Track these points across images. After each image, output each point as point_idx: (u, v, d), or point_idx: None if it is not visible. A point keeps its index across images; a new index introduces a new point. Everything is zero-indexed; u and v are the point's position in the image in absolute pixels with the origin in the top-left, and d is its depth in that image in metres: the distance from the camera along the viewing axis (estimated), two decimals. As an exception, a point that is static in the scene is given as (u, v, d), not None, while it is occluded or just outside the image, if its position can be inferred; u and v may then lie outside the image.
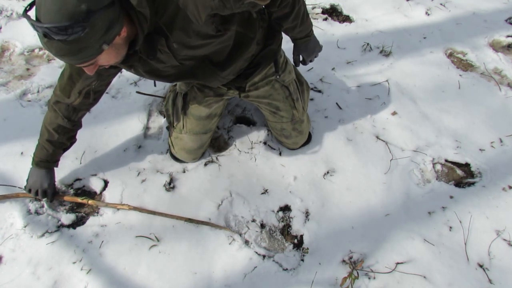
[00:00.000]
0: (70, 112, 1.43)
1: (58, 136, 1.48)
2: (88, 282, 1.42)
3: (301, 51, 1.61)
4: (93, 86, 1.35)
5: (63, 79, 1.34)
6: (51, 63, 2.21)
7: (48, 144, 1.50)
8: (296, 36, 1.53)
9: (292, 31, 1.48)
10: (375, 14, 2.77)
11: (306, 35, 1.53)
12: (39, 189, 1.56)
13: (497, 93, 2.27)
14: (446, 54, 2.52)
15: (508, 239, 1.63)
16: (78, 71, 1.27)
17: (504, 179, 1.83)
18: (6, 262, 1.46)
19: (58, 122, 1.44)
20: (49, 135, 1.48)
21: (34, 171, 1.57)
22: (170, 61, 1.22)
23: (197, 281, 1.46)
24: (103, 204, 1.62)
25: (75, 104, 1.40)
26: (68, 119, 1.44)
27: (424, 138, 1.98)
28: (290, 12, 1.34)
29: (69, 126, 1.47)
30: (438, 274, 1.51)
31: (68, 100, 1.37)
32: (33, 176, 1.56)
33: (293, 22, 1.40)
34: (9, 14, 2.47)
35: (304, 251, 1.57)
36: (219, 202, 1.68)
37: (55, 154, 1.55)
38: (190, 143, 1.70)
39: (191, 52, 1.19)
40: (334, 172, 1.81)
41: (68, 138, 1.53)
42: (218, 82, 1.44)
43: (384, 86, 2.24)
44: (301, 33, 1.50)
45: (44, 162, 1.54)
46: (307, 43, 1.57)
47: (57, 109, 1.41)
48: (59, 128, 1.46)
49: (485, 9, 2.88)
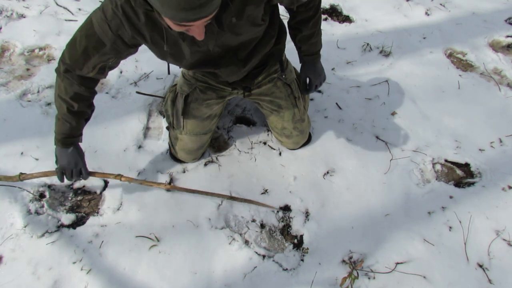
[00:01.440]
0: (84, 80, 1.31)
1: (77, 105, 1.34)
2: (88, 282, 1.42)
3: (309, 72, 1.58)
4: (109, 63, 1.26)
5: (76, 51, 1.22)
6: (51, 63, 2.21)
7: (69, 115, 1.36)
8: (307, 50, 1.52)
9: (306, 42, 1.48)
10: (375, 14, 2.77)
11: (317, 51, 1.54)
12: (73, 169, 1.44)
13: (497, 93, 2.27)
14: (446, 54, 2.52)
15: (508, 239, 1.63)
16: (95, 45, 1.17)
17: (504, 179, 1.83)
18: (6, 262, 1.46)
19: (74, 90, 1.31)
20: (68, 105, 1.33)
21: (61, 151, 1.43)
22: (206, 44, 1.18)
23: (197, 281, 1.46)
24: (138, 181, 1.57)
25: (88, 76, 1.30)
26: (84, 86, 1.32)
27: (424, 138, 1.98)
28: (313, 16, 1.38)
29: (86, 93, 1.34)
30: (438, 274, 1.51)
31: (80, 72, 1.27)
32: (63, 157, 1.43)
33: (312, 29, 1.42)
34: (9, 14, 2.47)
35: (304, 251, 1.57)
36: (219, 202, 1.68)
37: (78, 126, 1.41)
38: (190, 143, 1.70)
39: (230, 38, 1.20)
40: (334, 172, 1.81)
41: (88, 105, 1.40)
42: (236, 77, 1.43)
43: (384, 86, 2.25)
44: (313, 46, 1.51)
45: (69, 137, 1.41)
46: (316, 62, 1.56)
47: (69, 77, 1.29)
48: (76, 96, 1.32)
49: (485, 9, 2.89)
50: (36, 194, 1.65)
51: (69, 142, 1.42)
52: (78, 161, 1.45)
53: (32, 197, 1.63)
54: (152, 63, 2.21)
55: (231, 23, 1.12)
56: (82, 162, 1.47)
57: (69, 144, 1.42)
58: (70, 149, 1.43)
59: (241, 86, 1.54)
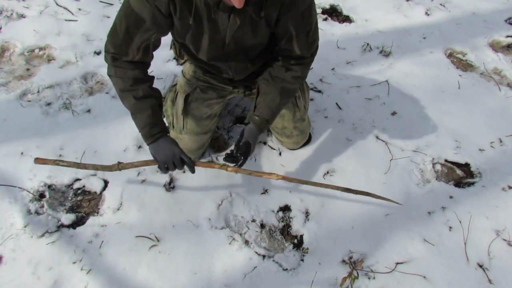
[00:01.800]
0: (134, 64, 1.28)
1: (140, 89, 1.29)
2: (88, 282, 1.42)
3: (252, 137, 1.42)
4: (152, 40, 1.24)
5: (117, 36, 1.20)
6: (51, 63, 2.21)
7: (139, 103, 1.30)
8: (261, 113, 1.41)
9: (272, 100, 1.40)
10: (375, 14, 2.77)
11: (267, 121, 1.42)
12: (174, 160, 1.34)
13: (497, 93, 2.27)
14: (446, 54, 2.52)
15: (508, 239, 1.63)
16: (134, 23, 1.16)
17: (504, 179, 1.83)
18: (6, 262, 1.46)
19: (129, 76, 1.27)
20: (133, 93, 1.29)
21: (154, 148, 1.35)
22: (225, 33, 1.22)
23: (197, 281, 1.46)
24: (246, 171, 1.44)
25: (135, 60, 1.27)
26: (138, 70, 1.29)
27: (424, 138, 1.98)
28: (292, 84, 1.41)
29: (142, 75, 1.30)
30: (438, 274, 1.51)
31: (126, 57, 1.25)
32: (159, 153, 1.34)
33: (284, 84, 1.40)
34: (9, 14, 2.47)
35: (304, 251, 1.57)
36: (219, 202, 1.68)
37: (154, 112, 1.32)
38: (190, 143, 1.70)
39: (247, 36, 1.25)
40: (334, 172, 1.81)
41: (150, 88, 1.34)
42: (242, 75, 1.46)
43: (384, 86, 2.25)
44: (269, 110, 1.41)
45: (152, 127, 1.32)
46: (260, 132, 1.43)
47: (119, 65, 1.26)
48: (135, 81, 1.29)
49: (485, 9, 2.89)
50: (36, 194, 1.64)
51: (155, 132, 1.33)
52: (175, 150, 1.35)
53: (32, 197, 1.63)
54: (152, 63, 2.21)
55: (259, 15, 1.16)
56: (178, 150, 1.36)
57: (156, 135, 1.34)
58: (160, 141, 1.34)
59: (243, 85, 1.55)
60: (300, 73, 1.40)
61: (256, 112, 1.42)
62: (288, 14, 1.21)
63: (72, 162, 1.48)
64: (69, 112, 1.95)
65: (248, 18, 1.19)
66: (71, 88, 2.08)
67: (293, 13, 1.21)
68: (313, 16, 1.27)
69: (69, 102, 2.00)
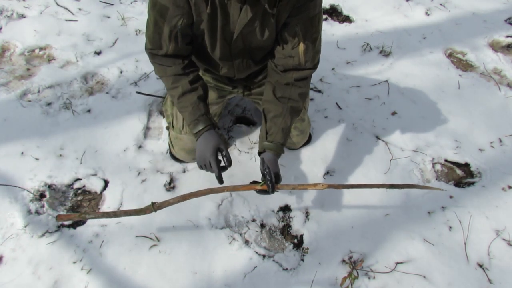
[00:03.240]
0: (171, 59, 1.30)
1: (180, 86, 1.31)
2: (88, 282, 1.42)
3: (274, 167, 1.36)
4: (179, 26, 1.22)
5: (149, 30, 1.26)
6: (51, 63, 2.21)
7: (181, 101, 1.32)
8: (275, 137, 1.37)
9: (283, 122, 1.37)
10: (375, 14, 2.77)
11: (282, 144, 1.38)
12: (205, 164, 1.33)
13: (497, 93, 2.27)
14: (445, 54, 2.52)
15: (507, 239, 1.63)
16: (160, 12, 1.20)
17: (504, 179, 1.83)
18: (6, 262, 1.46)
19: (168, 73, 1.31)
20: (175, 91, 1.32)
21: (197, 145, 1.36)
22: (234, 27, 1.22)
23: (197, 281, 1.46)
24: (290, 187, 1.36)
25: (170, 53, 1.28)
26: (175, 65, 1.31)
27: (424, 138, 1.98)
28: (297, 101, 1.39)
29: (179, 71, 1.31)
30: (438, 274, 1.51)
31: (161, 51, 1.28)
32: (198, 151, 1.35)
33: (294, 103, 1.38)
34: (10, 14, 2.47)
35: (304, 251, 1.57)
36: (219, 202, 1.68)
37: (195, 107, 1.32)
38: (190, 143, 1.70)
39: (254, 37, 1.26)
40: (334, 172, 1.81)
41: (191, 82, 1.33)
42: (244, 74, 1.46)
43: (384, 86, 2.25)
44: (282, 133, 1.38)
45: (197, 124, 1.33)
46: (276, 160, 1.39)
47: (158, 62, 1.31)
48: (175, 78, 1.31)
49: (484, 9, 2.89)
50: (36, 194, 1.65)
51: (196, 130, 1.34)
52: (206, 154, 1.32)
53: (33, 197, 1.63)
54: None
55: (272, 9, 1.16)
56: (211, 153, 1.32)
57: (198, 133, 1.34)
58: (200, 139, 1.34)
59: (242, 84, 1.55)
60: (304, 90, 1.39)
61: (269, 139, 1.38)
62: (298, 17, 1.21)
63: (101, 213, 1.38)
64: (69, 112, 1.96)
65: (260, 13, 1.19)
66: (72, 88, 2.08)
67: (303, 16, 1.21)
68: (321, 24, 1.28)
69: (69, 102, 2.00)
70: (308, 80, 1.41)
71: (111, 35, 2.40)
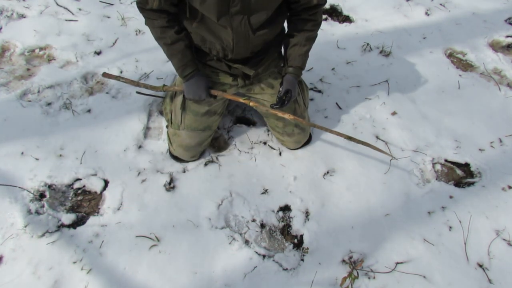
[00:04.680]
0: (156, 14, 1.40)
1: (168, 36, 1.43)
2: (88, 282, 1.42)
3: (291, 85, 1.57)
4: None
5: None
6: (51, 63, 2.21)
7: (170, 49, 1.46)
8: (294, 63, 1.56)
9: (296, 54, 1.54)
10: (375, 14, 2.77)
11: (301, 68, 1.57)
12: (197, 100, 1.59)
13: (497, 93, 2.27)
14: (445, 54, 2.52)
15: (507, 239, 1.63)
16: None
17: (504, 179, 1.83)
18: (6, 262, 1.46)
19: (156, 25, 1.42)
20: (164, 40, 1.45)
21: (186, 86, 1.56)
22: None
23: (197, 281, 1.46)
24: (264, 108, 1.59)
25: (155, 8, 1.37)
26: (161, 19, 1.40)
27: (424, 138, 1.98)
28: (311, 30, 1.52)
29: (165, 24, 1.41)
30: (438, 274, 1.51)
31: (147, 6, 1.37)
32: (189, 91, 1.56)
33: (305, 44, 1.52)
34: (10, 14, 2.47)
35: (304, 251, 1.57)
36: (219, 202, 1.68)
37: (184, 54, 1.48)
38: (188, 139, 1.70)
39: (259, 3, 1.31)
40: (334, 172, 1.81)
41: (177, 32, 1.45)
42: (243, 48, 1.47)
43: (384, 86, 2.25)
44: (300, 61, 1.55)
45: (186, 68, 1.50)
46: (297, 79, 1.59)
47: (146, 15, 1.42)
48: (162, 29, 1.43)
49: (485, 9, 2.89)
50: (36, 194, 1.65)
51: (186, 73, 1.52)
52: (200, 93, 1.56)
53: (33, 197, 1.63)
54: (152, 63, 2.22)
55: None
56: (204, 91, 1.56)
57: (187, 76, 1.53)
58: (190, 81, 1.54)
59: (241, 72, 1.57)
60: (319, 20, 1.52)
61: (289, 63, 1.57)
62: None
63: (130, 80, 1.70)
64: (70, 112, 1.96)
65: None
66: (72, 88, 2.08)
67: None
68: None
69: (69, 102, 2.00)
70: (320, 13, 1.52)
71: (111, 35, 2.40)
